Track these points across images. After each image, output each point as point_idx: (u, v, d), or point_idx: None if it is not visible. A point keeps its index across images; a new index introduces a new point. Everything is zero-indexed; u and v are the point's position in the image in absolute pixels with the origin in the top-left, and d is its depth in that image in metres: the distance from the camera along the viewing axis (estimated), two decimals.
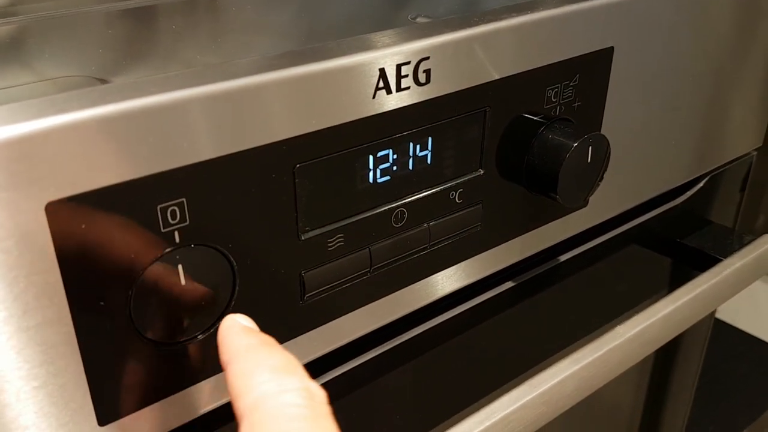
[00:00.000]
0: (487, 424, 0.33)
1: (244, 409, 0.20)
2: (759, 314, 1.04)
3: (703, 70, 0.43)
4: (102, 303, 0.23)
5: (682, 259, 0.50)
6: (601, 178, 0.35)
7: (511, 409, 0.34)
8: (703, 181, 0.49)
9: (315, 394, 0.21)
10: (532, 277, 0.42)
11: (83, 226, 0.22)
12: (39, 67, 0.28)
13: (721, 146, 0.49)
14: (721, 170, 0.51)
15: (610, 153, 0.34)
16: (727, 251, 0.48)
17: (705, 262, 0.48)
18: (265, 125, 0.24)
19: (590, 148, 0.33)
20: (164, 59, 0.29)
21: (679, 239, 0.50)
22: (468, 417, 0.33)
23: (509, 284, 0.40)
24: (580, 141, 0.32)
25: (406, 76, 0.27)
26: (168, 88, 0.22)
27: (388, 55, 0.26)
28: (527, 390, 0.35)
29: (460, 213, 0.33)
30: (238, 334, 0.23)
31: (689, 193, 0.49)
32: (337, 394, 0.33)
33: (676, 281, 0.49)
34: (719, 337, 0.94)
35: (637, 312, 0.42)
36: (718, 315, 0.67)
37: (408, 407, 0.37)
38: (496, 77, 0.30)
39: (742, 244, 0.48)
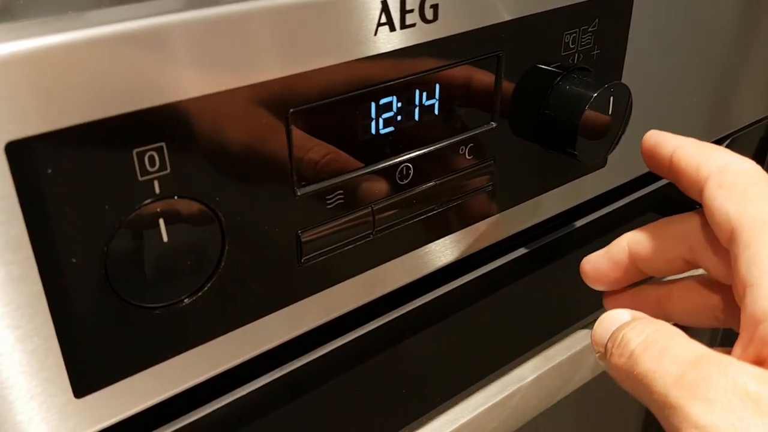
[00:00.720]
0: (501, 396, 0.31)
1: (710, 171, 0.24)
2: None
3: (724, 27, 0.40)
4: (73, 260, 0.21)
5: None
6: (623, 131, 0.32)
7: (528, 380, 0.32)
8: (725, 144, 0.46)
9: None
10: (544, 245, 0.39)
11: (49, 171, 0.19)
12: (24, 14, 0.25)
13: (740, 108, 0.46)
14: (739, 134, 0.48)
15: (632, 104, 0.32)
16: None
17: None
18: (254, 61, 0.22)
19: (611, 98, 0.30)
20: None
21: (697, 205, 0.47)
22: (482, 388, 0.31)
23: (521, 251, 0.38)
24: (600, 90, 0.30)
25: (411, 11, 0.24)
26: (143, 14, 0.19)
27: None
28: (543, 361, 0.33)
29: (471, 170, 0.30)
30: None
31: None
32: (336, 368, 0.31)
33: None
34: None
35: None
36: None
37: (414, 380, 0.35)
38: (511, 17, 0.28)
39: None
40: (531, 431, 0.43)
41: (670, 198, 0.46)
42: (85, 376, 0.22)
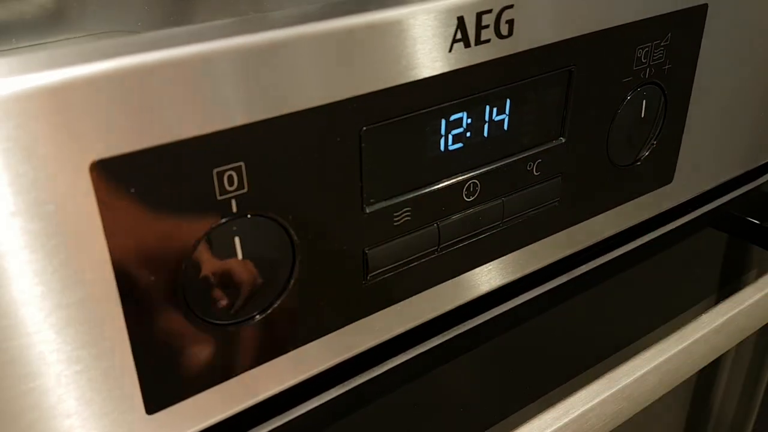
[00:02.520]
0: (565, 420, 0.30)
1: None
2: None
3: None
4: (152, 278, 0.21)
5: (762, 243, 0.46)
6: (656, 136, 0.31)
7: (590, 405, 0.31)
8: None
9: None
10: (606, 262, 0.38)
11: (132, 191, 0.19)
12: (81, 23, 0.25)
13: None
14: None
15: (666, 108, 0.31)
16: None
17: None
18: (329, 81, 0.21)
19: (644, 101, 0.30)
20: (214, 12, 0.26)
21: (759, 221, 0.46)
22: (544, 411, 0.30)
23: (583, 269, 0.37)
24: (632, 93, 0.29)
25: (487, 26, 0.24)
26: (223, 35, 0.19)
27: (468, 1, 0.23)
28: (607, 384, 0.32)
29: (538, 186, 0.30)
30: None
31: None
32: (398, 385, 0.31)
33: (757, 266, 0.45)
34: None
35: (720, 299, 0.38)
36: None
37: (475, 398, 0.34)
38: (586, 32, 0.27)
39: None
40: None
41: (731, 215, 0.45)
42: (158, 393, 0.22)
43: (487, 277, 0.31)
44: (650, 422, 0.52)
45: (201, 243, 0.21)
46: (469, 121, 0.26)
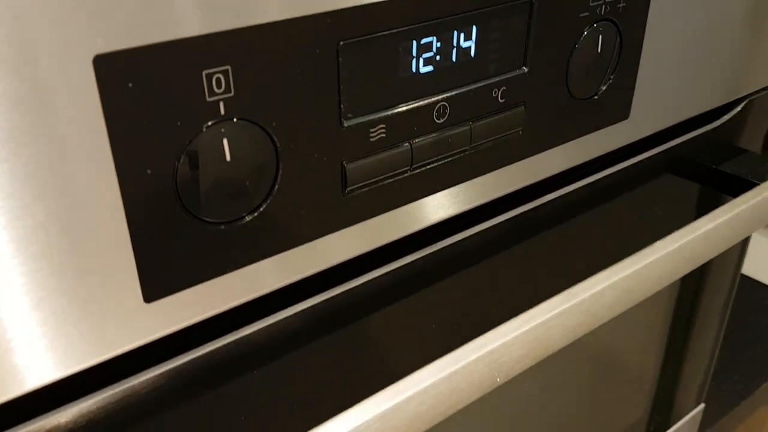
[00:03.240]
0: (526, 328, 0.33)
1: None
2: None
3: None
4: (149, 171, 0.23)
5: (717, 185, 0.49)
6: (614, 70, 0.34)
7: (551, 315, 0.34)
8: (741, 105, 0.48)
9: None
10: (563, 196, 0.41)
11: (130, 85, 0.21)
12: None
13: (758, 71, 0.47)
14: (755, 97, 0.49)
15: (621, 45, 0.34)
16: (766, 177, 0.47)
17: (742, 188, 0.47)
18: None
19: (600, 37, 0.32)
20: None
21: (714, 166, 0.49)
22: (506, 322, 0.33)
23: (540, 201, 0.39)
24: (588, 28, 0.32)
25: None
26: None
27: None
28: (566, 298, 0.35)
29: (503, 114, 0.32)
30: None
31: (725, 118, 0.47)
32: (369, 301, 0.33)
33: (712, 206, 0.48)
34: (744, 290, 0.93)
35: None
36: (743, 271, 0.67)
37: (443, 318, 0.37)
38: None
39: None
40: (551, 372, 0.45)
41: (687, 159, 0.48)
42: (155, 282, 0.24)
43: (456, 200, 0.33)
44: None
45: (193, 142, 0.23)
46: (439, 45, 0.28)
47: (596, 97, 0.36)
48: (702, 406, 0.68)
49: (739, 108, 0.48)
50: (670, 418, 0.65)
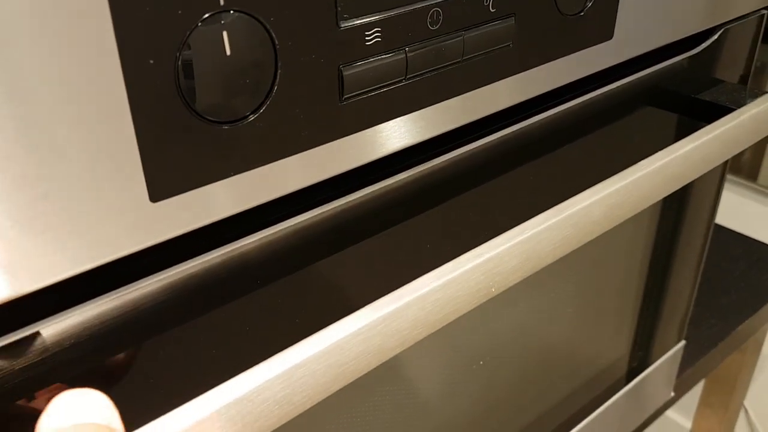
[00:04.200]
0: (520, 238, 0.33)
1: None
2: (755, 220, 1.07)
3: None
4: (151, 61, 0.22)
5: (695, 114, 0.50)
6: None
7: (540, 228, 0.34)
8: (717, 34, 0.49)
9: None
10: (546, 119, 0.41)
11: None
12: None
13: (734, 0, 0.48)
14: (731, 26, 0.50)
15: None
16: (743, 103, 0.48)
17: (720, 114, 0.48)
18: None
19: None
20: None
21: (692, 95, 0.50)
22: (501, 234, 0.33)
23: (524, 124, 0.40)
24: None
25: None
26: None
27: None
28: (557, 212, 0.35)
29: (494, 25, 0.32)
30: None
31: (702, 46, 0.48)
32: (365, 217, 0.33)
33: (692, 131, 0.49)
34: (719, 239, 0.96)
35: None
36: (717, 220, 0.69)
37: (438, 233, 0.37)
38: None
39: (755, 97, 0.48)
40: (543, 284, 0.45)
41: (665, 88, 0.49)
42: (161, 181, 0.24)
43: (450, 116, 0.34)
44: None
45: (193, 33, 0.23)
46: None
47: (582, 14, 0.36)
48: (683, 342, 0.70)
49: (715, 37, 0.49)
50: (651, 354, 0.67)
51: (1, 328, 0.24)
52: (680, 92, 0.50)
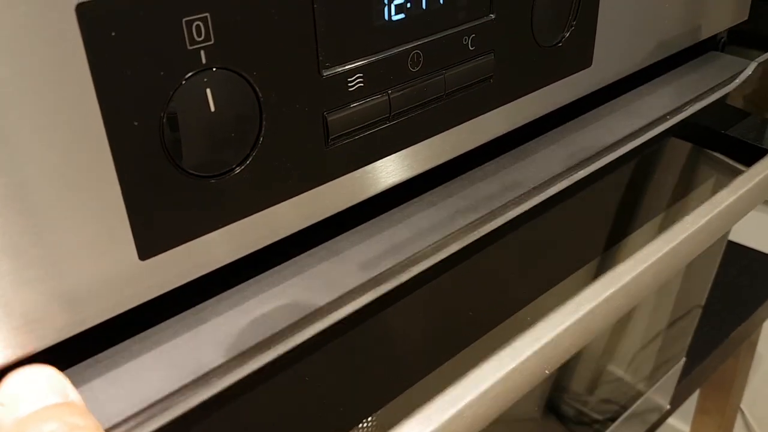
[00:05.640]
0: (575, 318, 0.32)
1: None
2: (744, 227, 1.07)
3: None
4: (135, 123, 0.22)
5: (724, 150, 0.50)
6: (575, 17, 0.35)
7: (597, 302, 0.33)
8: (751, 69, 0.48)
9: None
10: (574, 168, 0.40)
11: (113, 34, 0.21)
12: None
13: (723, 10, 0.49)
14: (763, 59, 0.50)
15: None
16: None
17: (751, 153, 0.47)
18: None
19: None
20: None
21: (721, 130, 0.49)
22: (553, 311, 0.32)
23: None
24: None
25: None
26: None
27: None
28: (610, 282, 0.34)
29: (474, 62, 0.33)
30: None
31: (737, 82, 0.48)
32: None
33: (719, 172, 0.49)
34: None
35: (689, 202, 0.41)
36: None
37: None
38: None
39: None
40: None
41: (693, 124, 0.48)
42: (149, 239, 0.24)
43: (436, 152, 0.34)
44: None
45: (176, 92, 0.23)
46: None
47: (560, 45, 0.37)
48: (683, 360, 0.70)
49: (749, 71, 0.48)
50: (656, 377, 0.67)
51: None
52: (711, 127, 0.49)
